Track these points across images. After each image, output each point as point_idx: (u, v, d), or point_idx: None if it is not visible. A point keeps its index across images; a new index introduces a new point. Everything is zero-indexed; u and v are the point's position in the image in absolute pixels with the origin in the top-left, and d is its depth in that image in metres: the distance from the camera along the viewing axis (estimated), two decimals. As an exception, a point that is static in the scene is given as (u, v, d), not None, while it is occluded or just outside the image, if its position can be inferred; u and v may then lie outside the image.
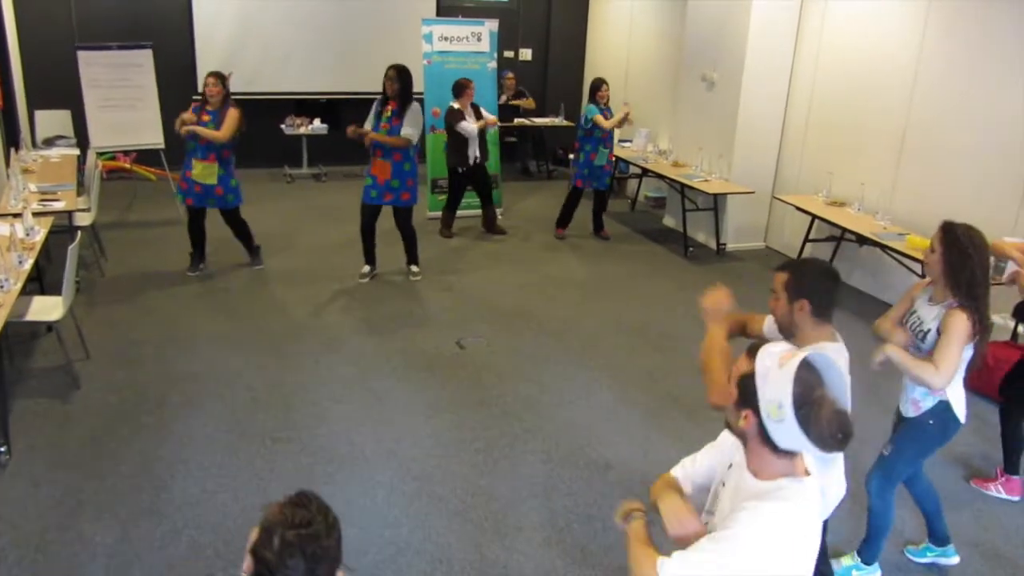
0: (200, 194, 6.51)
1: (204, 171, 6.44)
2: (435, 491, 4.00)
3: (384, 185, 6.48)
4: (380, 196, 6.53)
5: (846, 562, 3.47)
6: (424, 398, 4.91)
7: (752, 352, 1.80)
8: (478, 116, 7.89)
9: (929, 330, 3.06)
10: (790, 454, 1.77)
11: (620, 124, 8.06)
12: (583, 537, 3.73)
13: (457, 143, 7.86)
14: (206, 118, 6.34)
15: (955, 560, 3.60)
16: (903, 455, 3.26)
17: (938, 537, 3.59)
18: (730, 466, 1.96)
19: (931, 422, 3.18)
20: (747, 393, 1.77)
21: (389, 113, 6.36)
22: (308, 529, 1.56)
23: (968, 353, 3.04)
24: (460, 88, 7.79)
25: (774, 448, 1.75)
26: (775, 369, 1.72)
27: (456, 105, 7.78)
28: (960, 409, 3.16)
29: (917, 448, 3.26)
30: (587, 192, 8.31)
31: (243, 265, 7.01)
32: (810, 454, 1.75)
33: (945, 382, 2.99)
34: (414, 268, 6.96)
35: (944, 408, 3.15)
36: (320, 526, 1.57)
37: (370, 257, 6.83)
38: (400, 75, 6.33)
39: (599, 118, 7.87)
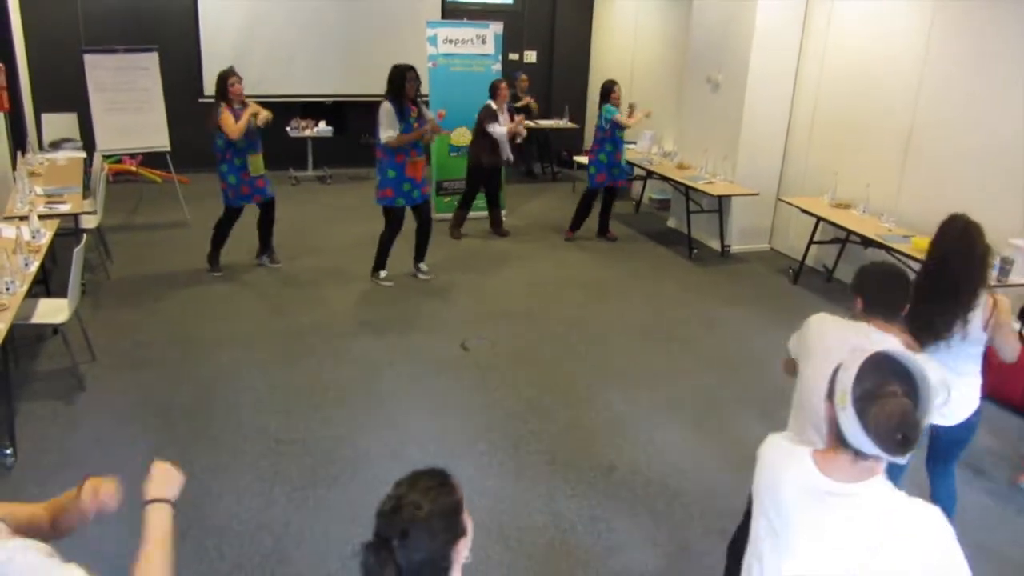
0: (263, 187, 6.70)
1: (258, 163, 6.61)
2: (439, 493, 3.99)
3: (422, 182, 6.58)
4: (421, 194, 6.63)
5: None
6: (429, 400, 4.92)
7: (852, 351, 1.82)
8: (512, 119, 7.97)
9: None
10: (862, 458, 1.70)
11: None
12: (587, 539, 3.72)
13: (488, 142, 7.94)
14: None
15: None
16: (957, 446, 3.46)
17: None
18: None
19: (974, 420, 3.37)
20: (831, 384, 1.78)
21: (416, 114, 6.40)
22: (404, 493, 1.58)
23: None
24: (494, 88, 7.90)
25: (843, 442, 1.71)
26: (856, 360, 1.71)
27: (493, 105, 7.87)
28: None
29: (965, 448, 3.46)
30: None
31: (249, 266, 7.02)
32: (874, 452, 1.67)
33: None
34: (424, 267, 6.98)
35: (980, 410, 3.36)
36: (412, 493, 1.58)
37: (385, 262, 6.85)
38: (418, 76, 6.39)
39: (619, 117, 7.90)
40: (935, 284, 3.16)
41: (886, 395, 1.63)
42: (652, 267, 7.63)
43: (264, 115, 6.44)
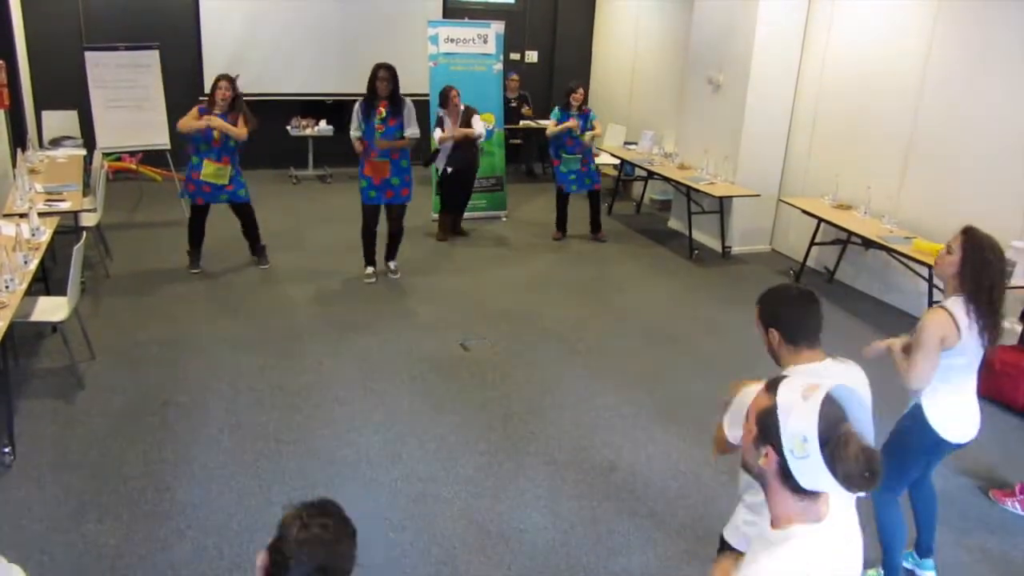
0: (211, 193, 6.62)
1: (217, 172, 6.54)
2: (439, 493, 3.99)
3: (382, 184, 6.53)
4: (380, 195, 6.59)
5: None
6: (428, 400, 4.91)
7: (772, 386, 1.69)
8: (467, 124, 7.82)
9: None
10: (812, 496, 1.64)
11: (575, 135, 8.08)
12: (588, 540, 3.71)
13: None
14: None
15: (930, 575, 3.54)
16: (891, 462, 3.11)
17: (921, 548, 3.54)
18: None
19: (907, 424, 3.17)
20: (768, 429, 1.65)
21: (384, 114, 6.34)
22: (324, 532, 1.60)
23: (956, 359, 3.01)
24: (443, 97, 7.78)
25: (795, 488, 1.63)
26: (799, 402, 1.61)
27: (441, 113, 7.81)
28: (938, 423, 3.10)
29: (900, 453, 3.15)
30: (582, 195, 8.35)
31: (248, 265, 7.02)
32: (834, 490, 1.61)
33: (915, 382, 3.00)
34: (393, 265, 6.96)
35: (917, 412, 3.12)
36: (335, 532, 1.61)
37: (372, 258, 6.85)
38: (394, 75, 6.33)
39: (551, 123, 8.03)
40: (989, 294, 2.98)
41: (843, 436, 1.57)
42: (653, 268, 7.62)
43: (232, 129, 6.41)
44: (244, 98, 6.62)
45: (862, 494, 1.63)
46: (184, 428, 4.46)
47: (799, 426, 1.59)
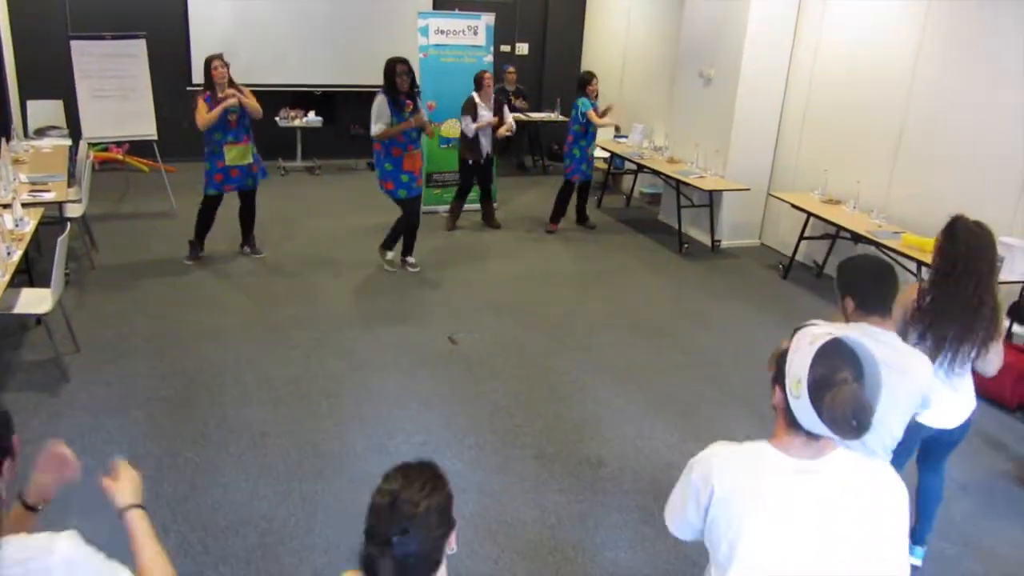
0: (239, 177, 6.63)
1: (241, 153, 6.55)
2: (426, 487, 3.96)
3: (419, 174, 6.62)
4: (417, 187, 6.66)
5: None
6: (416, 393, 4.88)
7: (795, 332, 1.83)
8: (498, 112, 7.92)
9: None
10: (809, 436, 1.75)
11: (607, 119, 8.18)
12: (575, 534, 3.71)
13: (465, 135, 7.95)
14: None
15: (916, 562, 3.55)
16: None
17: (915, 535, 3.56)
18: None
19: None
20: (779, 369, 1.79)
21: (412, 108, 6.38)
22: (397, 488, 1.61)
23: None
24: (478, 80, 7.87)
25: (793, 423, 1.75)
26: (805, 347, 1.73)
27: (476, 98, 7.86)
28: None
29: None
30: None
31: (235, 257, 6.97)
32: (825, 433, 1.71)
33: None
34: (411, 259, 6.93)
35: None
36: (409, 488, 1.62)
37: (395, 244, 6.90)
38: (411, 68, 6.37)
39: (592, 113, 7.90)
40: (956, 296, 2.99)
41: (838, 383, 1.67)
42: (642, 261, 7.62)
43: (251, 101, 6.45)
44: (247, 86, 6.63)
45: (855, 442, 1.72)
46: (169, 422, 4.43)
47: (797, 369, 1.71)
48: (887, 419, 2.48)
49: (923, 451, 3.42)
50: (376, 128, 6.35)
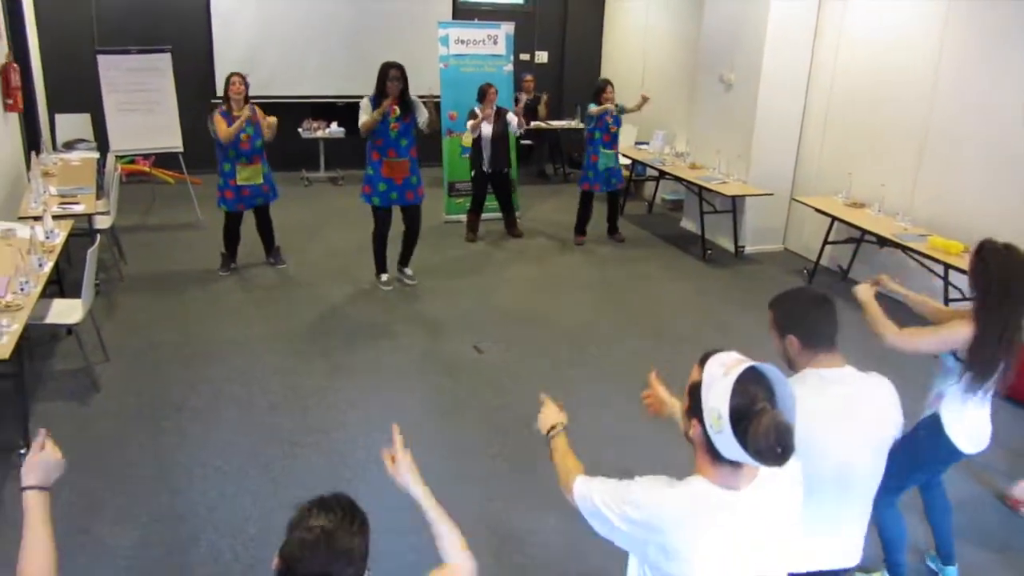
0: (250, 196, 6.68)
1: (253, 173, 6.62)
2: (451, 496, 3.95)
3: (403, 184, 6.36)
4: (401, 196, 6.41)
5: None
6: (441, 403, 4.90)
7: (703, 361, 1.79)
8: (498, 119, 7.85)
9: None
10: (735, 465, 1.73)
11: (622, 110, 7.96)
12: (605, 545, 3.68)
13: (475, 145, 7.92)
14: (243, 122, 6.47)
15: None
16: (896, 464, 2.74)
17: (942, 553, 3.51)
18: None
19: (922, 433, 3.12)
20: (695, 401, 1.76)
21: (398, 113, 6.17)
22: (329, 526, 1.61)
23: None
24: (480, 93, 7.82)
25: (718, 456, 1.73)
26: (719, 378, 1.70)
27: (476, 109, 7.81)
28: (956, 434, 3.06)
29: (908, 459, 3.03)
30: (602, 195, 8.27)
31: (262, 267, 7.03)
32: (750, 463, 1.70)
33: (896, 342, 2.97)
34: (408, 271, 6.84)
35: (934, 422, 3.09)
36: (341, 526, 1.62)
37: (386, 265, 6.72)
38: (404, 74, 6.18)
39: (592, 108, 7.83)
40: (1006, 326, 2.87)
41: (756, 412, 1.64)
42: (665, 268, 7.59)
43: (270, 121, 6.51)
44: (252, 100, 6.66)
45: (778, 469, 1.69)
46: (198, 430, 4.47)
47: (715, 402, 1.68)
48: (865, 458, 2.34)
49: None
50: (361, 120, 6.23)
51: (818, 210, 7.02)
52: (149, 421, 4.54)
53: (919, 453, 3.14)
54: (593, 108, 7.84)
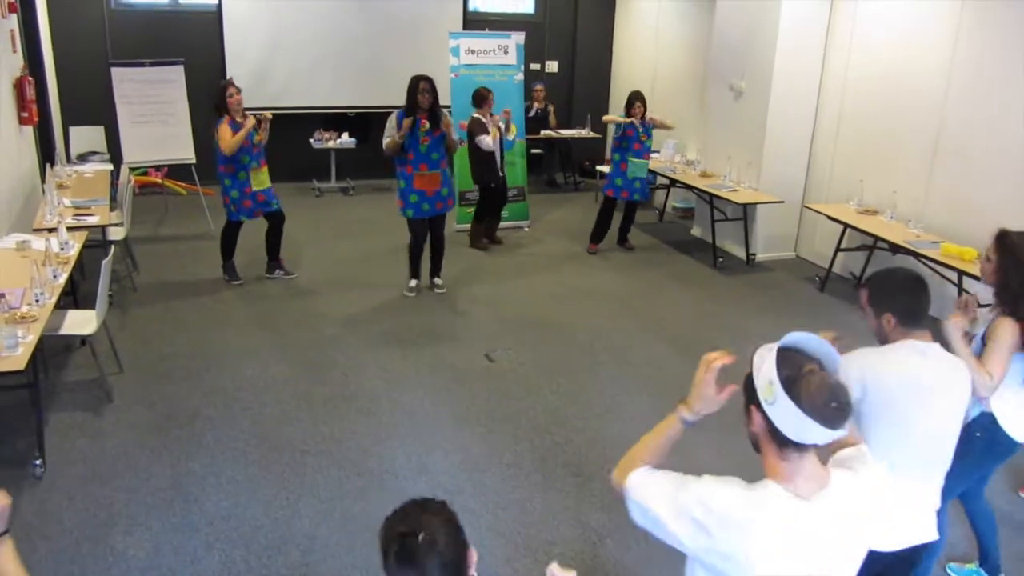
0: (265, 201, 6.73)
1: (262, 177, 6.66)
2: (467, 505, 3.97)
3: (435, 196, 6.45)
4: (433, 208, 6.50)
5: None
6: (454, 411, 4.89)
7: (752, 357, 1.85)
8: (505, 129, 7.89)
9: (974, 336, 3.00)
10: (801, 451, 1.71)
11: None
12: (617, 552, 3.68)
13: (480, 157, 7.87)
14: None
15: None
16: (951, 470, 2.83)
17: (989, 564, 3.46)
18: None
19: (977, 435, 3.09)
20: (749, 390, 1.80)
21: (428, 127, 6.22)
22: (408, 539, 1.61)
23: (1019, 363, 2.97)
24: (480, 98, 7.80)
25: (781, 442, 1.72)
26: (767, 355, 1.76)
27: (476, 115, 7.80)
28: (1012, 425, 3.06)
29: (964, 463, 2.98)
30: (620, 204, 8.25)
31: (272, 278, 7.04)
32: (815, 433, 1.67)
33: (993, 389, 2.93)
34: (439, 281, 6.92)
35: (990, 421, 3.07)
36: (419, 534, 1.62)
37: (419, 271, 6.81)
38: (434, 87, 6.24)
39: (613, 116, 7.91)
40: None
41: (807, 374, 1.68)
42: (677, 276, 7.58)
43: (262, 122, 6.52)
44: (264, 110, 6.72)
45: (842, 432, 1.69)
46: (211, 440, 4.48)
47: (765, 373, 1.73)
48: (948, 435, 2.49)
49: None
50: (384, 142, 6.32)
51: (830, 217, 6.99)
52: (162, 431, 4.55)
53: (976, 454, 3.13)
54: (606, 117, 7.91)
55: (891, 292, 2.55)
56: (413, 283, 6.80)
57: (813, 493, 1.73)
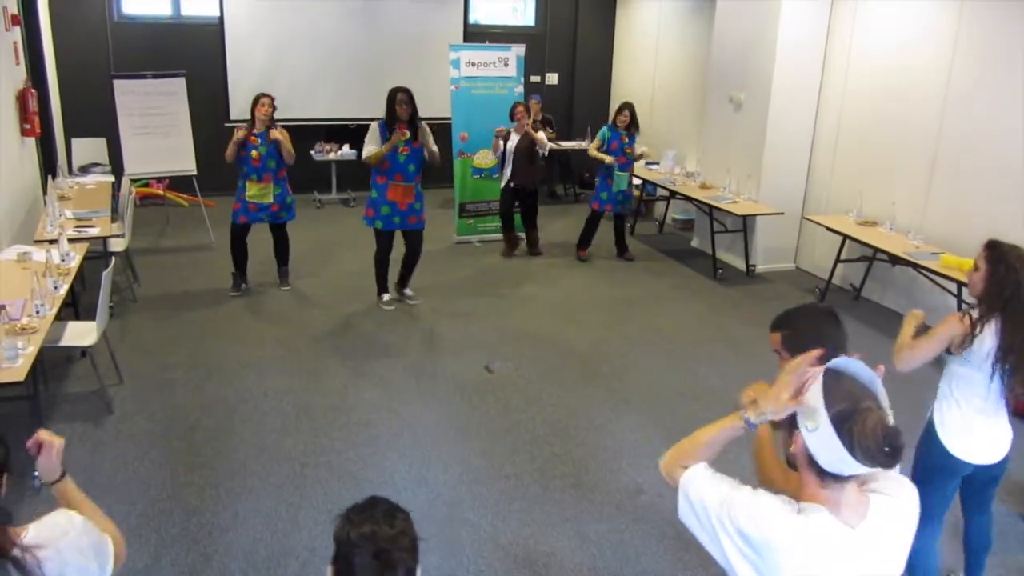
0: (255, 212, 6.73)
1: (260, 191, 6.67)
2: (466, 517, 3.97)
3: (408, 209, 6.44)
4: (404, 221, 6.48)
5: None
6: (453, 423, 4.90)
7: None
8: (525, 135, 8.03)
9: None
10: (839, 487, 1.67)
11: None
12: (615, 563, 3.67)
13: (502, 161, 8.16)
14: (254, 140, 6.53)
15: None
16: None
17: None
18: None
19: (922, 438, 3.14)
20: (793, 414, 1.74)
21: (407, 136, 6.21)
22: (372, 524, 1.65)
23: (962, 369, 3.00)
24: (511, 111, 8.08)
25: (819, 472, 1.67)
26: (813, 380, 1.69)
27: (509, 128, 8.07)
28: (947, 436, 3.04)
29: (920, 478, 2.99)
30: (608, 216, 8.31)
31: (273, 288, 7.06)
32: (854, 469, 1.61)
33: (901, 362, 3.02)
34: (409, 292, 6.89)
35: (929, 428, 3.11)
36: (384, 521, 1.67)
37: (387, 285, 6.80)
38: (412, 98, 6.23)
39: (597, 141, 8.12)
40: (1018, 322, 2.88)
41: (863, 410, 1.60)
42: (676, 288, 7.59)
43: (282, 134, 6.60)
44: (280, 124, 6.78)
45: (893, 471, 1.67)
46: (211, 452, 4.48)
47: (809, 399, 1.66)
48: None
49: (966, 491, 3.28)
50: (366, 151, 6.34)
51: (830, 228, 7.01)
52: (162, 443, 4.55)
53: (925, 465, 3.11)
54: (592, 151, 8.09)
55: (803, 331, 2.25)
56: (385, 297, 6.77)
57: (858, 522, 1.69)
